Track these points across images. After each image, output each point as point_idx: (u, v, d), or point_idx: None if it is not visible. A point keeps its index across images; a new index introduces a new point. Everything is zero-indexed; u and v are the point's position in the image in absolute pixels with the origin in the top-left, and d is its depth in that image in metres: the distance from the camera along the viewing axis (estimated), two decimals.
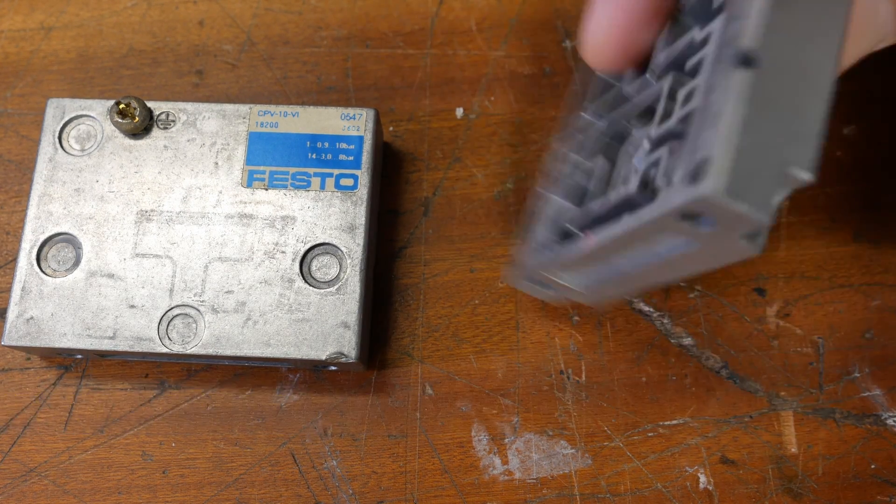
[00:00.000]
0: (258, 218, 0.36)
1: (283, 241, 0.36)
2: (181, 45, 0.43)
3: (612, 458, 0.37)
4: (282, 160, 0.37)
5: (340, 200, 0.37)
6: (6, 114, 0.42)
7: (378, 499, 0.36)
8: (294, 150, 0.37)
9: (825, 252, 0.39)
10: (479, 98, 0.42)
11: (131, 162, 0.37)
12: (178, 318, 0.35)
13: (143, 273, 0.36)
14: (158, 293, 0.36)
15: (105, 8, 0.44)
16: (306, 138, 0.38)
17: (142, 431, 0.37)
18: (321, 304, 0.35)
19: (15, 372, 0.38)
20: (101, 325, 0.35)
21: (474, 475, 0.37)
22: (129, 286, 0.36)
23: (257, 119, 0.38)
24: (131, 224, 0.36)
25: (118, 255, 0.36)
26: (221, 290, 0.36)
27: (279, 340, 0.35)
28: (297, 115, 0.38)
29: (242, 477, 0.37)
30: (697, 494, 0.36)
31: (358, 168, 0.37)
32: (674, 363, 0.38)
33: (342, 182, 0.37)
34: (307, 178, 0.37)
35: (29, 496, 0.36)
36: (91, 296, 0.35)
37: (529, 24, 0.43)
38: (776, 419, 0.37)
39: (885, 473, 0.37)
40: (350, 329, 0.35)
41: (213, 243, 0.36)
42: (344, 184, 0.37)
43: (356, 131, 0.38)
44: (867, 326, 0.39)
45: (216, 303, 0.35)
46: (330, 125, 0.38)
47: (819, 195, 0.41)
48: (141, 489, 0.36)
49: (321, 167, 0.37)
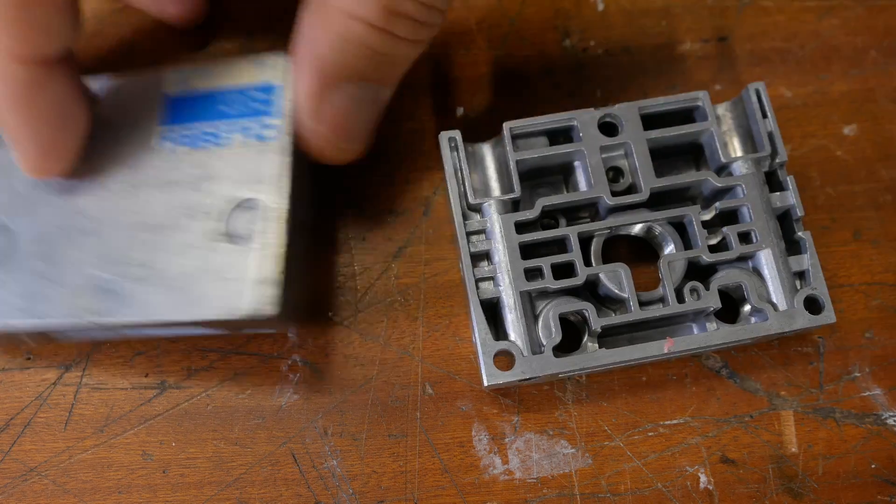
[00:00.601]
0: (181, 182, 0.35)
1: (207, 202, 0.35)
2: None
3: (613, 458, 0.37)
4: (199, 118, 0.36)
5: (259, 152, 0.35)
6: None
7: (378, 498, 0.36)
8: (210, 107, 0.36)
9: (825, 252, 0.39)
10: (479, 98, 0.42)
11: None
12: (104, 289, 0.35)
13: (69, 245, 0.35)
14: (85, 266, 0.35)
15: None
16: (222, 94, 0.36)
17: (142, 431, 0.37)
18: (243, 262, 0.34)
19: (15, 371, 0.38)
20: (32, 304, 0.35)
21: (474, 475, 0.37)
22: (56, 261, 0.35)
23: (173, 81, 0.37)
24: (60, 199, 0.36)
25: (44, 228, 0.36)
26: (147, 259, 0.35)
27: (204, 303, 0.33)
28: (211, 72, 0.37)
29: (242, 476, 0.37)
30: (698, 494, 0.36)
31: (278, 117, 0.36)
32: (674, 363, 0.38)
33: (265, 133, 0.36)
34: (227, 134, 0.36)
35: (29, 496, 0.36)
36: (21, 273, 0.35)
37: (529, 24, 0.44)
38: (776, 419, 0.37)
39: (886, 473, 0.37)
40: (267, 284, 0.33)
41: (136, 212, 0.35)
42: (266, 135, 0.36)
43: (274, 80, 0.36)
44: (867, 326, 0.39)
45: (141, 272, 0.35)
46: (244, 76, 0.36)
47: (819, 195, 0.41)
48: (141, 489, 0.36)
49: (239, 120, 0.36)
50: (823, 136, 0.42)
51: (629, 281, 0.36)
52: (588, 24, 0.43)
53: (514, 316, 0.35)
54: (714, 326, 0.36)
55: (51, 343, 0.38)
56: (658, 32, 0.43)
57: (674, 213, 0.37)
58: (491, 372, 0.35)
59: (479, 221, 0.37)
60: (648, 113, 0.38)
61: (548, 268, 0.36)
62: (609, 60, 0.43)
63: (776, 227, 0.37)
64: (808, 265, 0.36)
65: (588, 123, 0.37)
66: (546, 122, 0.38)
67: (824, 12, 0.44)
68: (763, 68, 0.43)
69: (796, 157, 0.41)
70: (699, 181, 0.37)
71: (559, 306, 0.36)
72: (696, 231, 0.36)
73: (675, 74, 0.43)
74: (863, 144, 0.41)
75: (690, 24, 0.44)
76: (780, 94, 0.42)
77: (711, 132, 0.37)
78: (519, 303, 0.35)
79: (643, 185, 0.37)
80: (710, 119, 0.37)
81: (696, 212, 0.37)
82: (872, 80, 0.43)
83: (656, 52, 0.43)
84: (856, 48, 0.43)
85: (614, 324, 0.35)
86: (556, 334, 0.35)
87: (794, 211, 0.37)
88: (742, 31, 0.43)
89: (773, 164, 0.37)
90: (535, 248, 0.37)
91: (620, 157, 0.38)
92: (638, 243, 0.39)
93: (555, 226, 0.38)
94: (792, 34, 0.43)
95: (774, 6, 0.44)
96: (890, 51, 0.43)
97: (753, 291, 0.36)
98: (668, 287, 0.36)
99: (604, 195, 0.37)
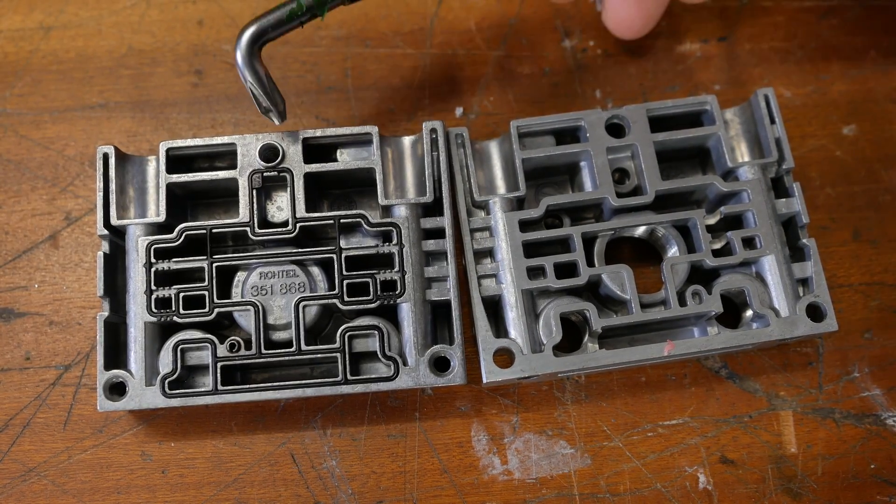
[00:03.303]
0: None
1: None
2: (180, 45, 0.43)
3: (612, 458, 0.37)
4: None
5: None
6: (5, 113, 0.42)
7: (377, 498, 0.36)
8: None
9: (825, 252, 0.39)
10: (478, 98, 0.42)
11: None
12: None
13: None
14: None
15: (104, 7, 0.44)
16: None
17: (141, 431, 0.37)
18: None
19: (14, 372, 0.38)
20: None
21: (473, 475, 0.37)
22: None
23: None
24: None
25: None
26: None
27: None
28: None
29: (241, 477, 0.37)
30: (697, 494, 0.36)
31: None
32: (673, 363, 0.38)
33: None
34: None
35: (28, 496, 0.36)
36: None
37: (529, 24, 0.43)
38: (776, 419, 0.37)
39: (885, 473, 0.37)
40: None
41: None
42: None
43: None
44: (867, 326, 0.39)
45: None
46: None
47: (819, 195, 0.41)
48: (140, 489, 0.36)
49: None
50: (823, 137, 0.42)
51: (631, 282, 0.36)
52: (587, 24, 0.43)
53: (515, 314, 0.35)
54: (715, 330, 0.36)
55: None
56: (657, 32, 0.43)
57: (678, 217, 0.37)
58: (490, 369, 0.35)
59: (484, 219, 0.37)
60: (656, 115, 0.38)
61: (550, 267, 0.36)
62: (608, 60, 0.43)
63: (781, 232, 0.37)
64: (812, 272, 0.36)
65: (595, 124, 0.37)
66: (553, 122, 0.38)
67: (824, 12, 0.44)
68: (763, 68, 0.43)
69: (796, 158, 0.41)
70: (705, 185, 0.37)
71: (560, 306, 0.36)
72: (700, 235, 0.36)
73: (675, 74, 0.42)
74: (862, 144, 0.41)
75: (690, 24, 0.43)
76: (780, 94, 0.42)
77: (719, 136, 0.37)
78: (520, 301, 0.35)
79: (649, 187, 0.37)
80: (717, 123, 0.37)
81: (700, 215, 0.37)
82: (872, 81, 0.43)
83: (656, 52, 0.43)
84: (855, 48, 0.43)
85: (615, 325, 0.35)
86: (556, 333, 0.35)
87: (800, 218, 0.37)
88: (742, 31, 0.43)
89: (780, 170, 0.37)
90: (538, 246, 0.37)
91: (627, 159, 0.38)
92: (641, 245, 0.39)
93: (559, 225, 0.38)
94: (792, 34, 0.43)
95: (774, 6, 0.44)
96: (889, 51, 0.43)
97: (756, 297, 0.36)
98: (670, 290, 0.36)
99: (609, 196, 0.37)
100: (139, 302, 0.35)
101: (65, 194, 0.40)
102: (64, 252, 0.40)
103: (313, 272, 0.37)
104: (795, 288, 0.36)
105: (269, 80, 0.35)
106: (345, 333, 0.35)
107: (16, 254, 0.40)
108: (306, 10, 0.34)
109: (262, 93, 0.35)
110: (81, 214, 0.40)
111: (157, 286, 0.35)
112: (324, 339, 0.37)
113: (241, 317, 0.36)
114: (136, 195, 0.37)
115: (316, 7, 0.34)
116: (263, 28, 0.34)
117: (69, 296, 0.39)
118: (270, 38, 0.34)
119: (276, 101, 0.35)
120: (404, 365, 0.35)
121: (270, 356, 0.35)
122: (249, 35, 0.34)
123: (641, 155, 0.37)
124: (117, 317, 0.36)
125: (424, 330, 0.35)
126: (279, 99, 0.35)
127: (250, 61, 0.34)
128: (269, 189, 0.37)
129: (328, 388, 0.35)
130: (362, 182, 0.38)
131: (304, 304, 0.35)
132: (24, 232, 0.40)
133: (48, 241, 0.40)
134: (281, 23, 0.34)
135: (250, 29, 0.34)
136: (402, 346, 0.35)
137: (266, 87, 0.35)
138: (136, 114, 0.42)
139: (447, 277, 0.36)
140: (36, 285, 0.39)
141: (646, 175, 0.37)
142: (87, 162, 0.41)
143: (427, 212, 0.37)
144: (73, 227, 0.40)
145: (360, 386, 0.35)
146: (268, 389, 0.35)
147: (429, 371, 0.35)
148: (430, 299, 0.36)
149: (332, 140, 0.37)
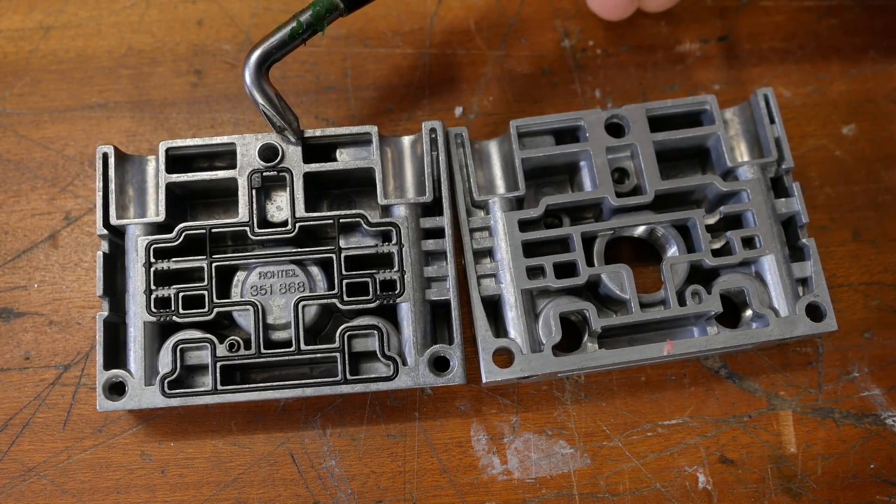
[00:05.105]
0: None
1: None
2: (180, 45, 0.43)
3: (611, 458, 0.37)
4: None
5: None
6: (5, 113, 0.42)
7: (377, 498, 0.36)
8: None
9: (824, 252, 0.39)
10: (477, 97, 0.42)
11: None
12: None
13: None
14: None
15: (104, 7, 0.44)
16: None
17: (140, 431, 0.37)
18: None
19: (14, 371, 0.38)
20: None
21: (473, 475, 0.37)
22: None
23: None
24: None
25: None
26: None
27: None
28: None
29: (241, 476, 0.37)
30: (696, 494, 0.36)
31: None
32: (673, 363, 0.38)
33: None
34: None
35: (28, 496, 0.36)
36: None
37: (529, 23, 0.43)
38: (775, 419, 0.37)
39: (884, 473, 0.37)
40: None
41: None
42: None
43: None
44: (866, 326, 0.39)
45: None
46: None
47: (819, 195, 0.41)
48: (140, 489, 0.36)
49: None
50: (822, 136, 0.42)
51: (631, 282, 0.36)
52: (587, 24, 0.43)
53: (514, 314, 0.35)
54: (715, 330, 0.36)
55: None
56: (657, 32, 0.43)
57: (678, 216, 0.37)
58: (490, 369, 0.35)
59: (483, 218, 0.37)
60: (655, 115, 0.38)
61: (550, 266, 0.36)
62: (608, 60, 0.43)
63: (780, 232, 0.37)
64: (811, 272, 0.36)
65: (595, 124, 0.37)
66: (553, 122, 0.38)
67: (824, 12, 0.44)
68: (762, 68, 0.43)
69: (795, 157, 0.41)
70: (704, 185, 0.37)
71: (560, 305, 0.36)
72: (699, 234, 0.36)
73: (675, 74, 0.42)
74: (862, 144, 0.41)
75: (690, 23, 0.43)
76: (780, 94, 0.42)
77: (718, 136, 0.37)
78: (520, 300, 0.35)
79: (648, 186, 0.37)
80: (717, 123, 0.37)
81: (700, 215, 0.37)
82: (872, 80, 0.43)
83: (656, 52, 0.43)
84: (855, 48, 0.43)
85: (615, 324, 0.35)
86: (556, 333, 0.35)
87: (799, 217, 0.37)
88: (742, 31, 0.43)
89: (780, 169, 0.37)
90: (537, 246, 0.37)
91: (626, 159, 0.38)
92: (641, 245, 0.39)
93: (558, 225, 0.38)
94: (791, 34, 0.43)
95: (774, 6, 0.44)
96: (889, 51, 0.43)
97: (755, 296, 0.36)
98: (669, 289, 0.36)
99: (608, 196, 0.37)
100: (139, 302, 0.35)
101: (64, 194, 0.40)
102: (63, 252, 0.40)
103: (313, 272, 0.37)
104: (795, 288, 0.36)
105: (280, 99, 0.35)
106: (344, 333, 0.35)
107: (15, 253, 0.40)
108: (307, 28, 0.35)
109: (275, 112, 0.35)
110: (81, 214, 0.40)
111: (156, 286, 0.35)
112: (323, 338, 0.37)
113: (241, 316, 0.36)
114: (135, 195, 0.37)
115: (315, 23, 0.35)
116: (268, 51, 0.35)
117: (69, 295, 0.39)
118: (276, 59, 0.35)
119: (290, 119, 0.36)
120: (404, 365, 0.35)
121: (270, 356, 0.35)
122: (256, 59, 0.35)
123: (641, 155, 0.37)
124: (117, 316, 0.36)
125: (424, 330, 0.35)
126: (292, 117, 0.36)
127: (259, 84, 0.35)
128: (268, 189, 0.37)
129: (328, 387, 0.35)
130: (362, 182, 0.38)
131: (304, 304, 0.35)
132: (23, 232, 0.40)
133: (48, 240, 0.40)
134: (284, 43, 0.35)
135: (256, 53, 0.35)
136: (401, 345, 0.35)
137: (278, 107, 0.35)
138: (136, 114, 0.42)
139: (447, 277, 0.36)
140: (35, 285, 0.39)
141: (645, 175, 0.37)
142: (86, 162, 0.41)
143: (426, 211, 0.37)
144: (72, 227, 0.40)
145: (360, 386, 0.35)
146: (267, 389, 0.35)
147: (428, 371, 0.35)
148: (429, 299, 0.36)
149: (332, 140, 0.37)
